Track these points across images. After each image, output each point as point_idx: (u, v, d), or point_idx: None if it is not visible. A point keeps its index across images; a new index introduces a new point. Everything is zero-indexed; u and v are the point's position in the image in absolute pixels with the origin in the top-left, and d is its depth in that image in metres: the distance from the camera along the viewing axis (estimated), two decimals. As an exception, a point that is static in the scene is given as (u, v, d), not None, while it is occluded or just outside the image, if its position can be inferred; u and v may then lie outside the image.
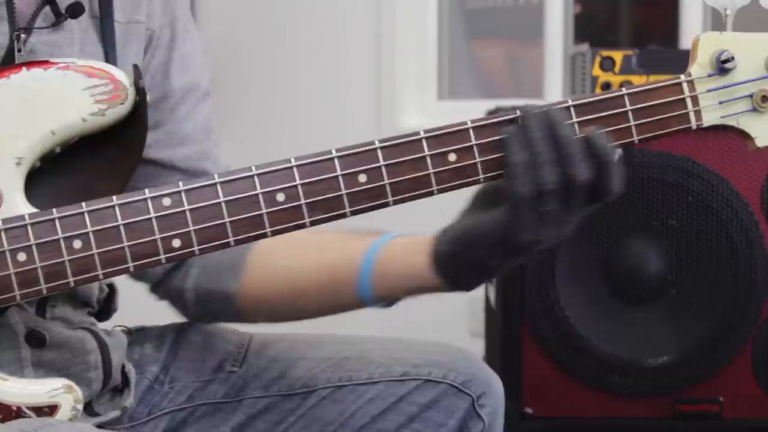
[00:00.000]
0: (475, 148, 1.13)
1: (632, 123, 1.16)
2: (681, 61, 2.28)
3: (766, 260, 2.23)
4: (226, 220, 1.10)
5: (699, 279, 2.25)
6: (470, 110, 3.02)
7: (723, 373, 2.26)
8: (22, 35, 1.15)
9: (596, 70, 2.26)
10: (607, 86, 2.25)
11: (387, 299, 1.29)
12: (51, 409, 1.11)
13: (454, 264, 1.19)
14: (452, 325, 3.17)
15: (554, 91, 3.29)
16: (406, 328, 2.32)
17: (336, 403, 1.35)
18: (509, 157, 1.11)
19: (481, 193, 1.19)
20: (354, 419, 1.34)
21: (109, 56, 1.22)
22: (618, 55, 2.26)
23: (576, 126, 1.15)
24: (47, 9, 1.17)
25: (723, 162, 2.22)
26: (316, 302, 1.33)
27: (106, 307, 1.32)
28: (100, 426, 1.26)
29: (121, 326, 1.40)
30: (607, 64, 2.26)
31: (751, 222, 2.23)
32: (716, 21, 1.21)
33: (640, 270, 2.27)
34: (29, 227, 1.07)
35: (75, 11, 1.18)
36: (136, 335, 1.41)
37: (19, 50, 1.14)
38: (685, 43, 3.23)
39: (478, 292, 2.95)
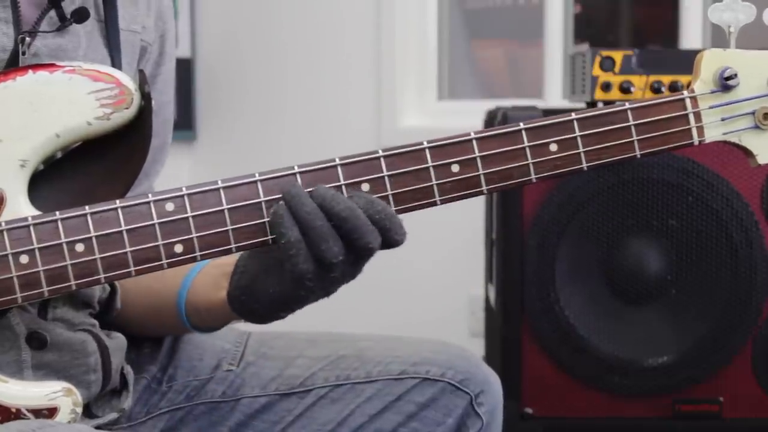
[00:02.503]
0: (478, 160, 1.14)
1: (635, 138, 1.16)
2: (681, 61, 2.31)
3: (766, 260, 2.23)
4: (229, 227, 1.10)
5: (699, 279, 2.26)
6: (470, 110, 3.04)
7: (723, 373, 2.27)
8: (27, 38, 1.15)
9: (596, 70, 2.26)
10: (607, 86, 2.25)
11: (204, 328, 1.31)
12: (50, 412, 1.11)
13: (244, 308, 1.19)
14: (452, 325, 3.18)
15: (554, 91, 3.30)
16: (406, 327, 2.32)
17: (334, 402, 1.35)
18: (282, 237, 1.08)
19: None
20: (352, 418, 1.34)
21: (115, 61, 1.22)
22: (618, 55, 2.26)
23: (579, 139, 1.15)
24: (52, 13, 1.17)
25: (723, 162, 2.22)
26: (150, 323, 1.36)
27: (107, 307, 1.32)
28: (98, 427, 1.26)
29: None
30: (607, 64, 2.25)
31: (751, 222, 2.23)
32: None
33: (640, 270, 2.27)
34: (32, 229, 1.07)
35: (81, 16, 1.18)
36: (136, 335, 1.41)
37: (24, 53, 1.14)
38: (685, 43, 3.23)
39: (478, 292, 2.96)
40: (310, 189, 1.09)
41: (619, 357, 2.27)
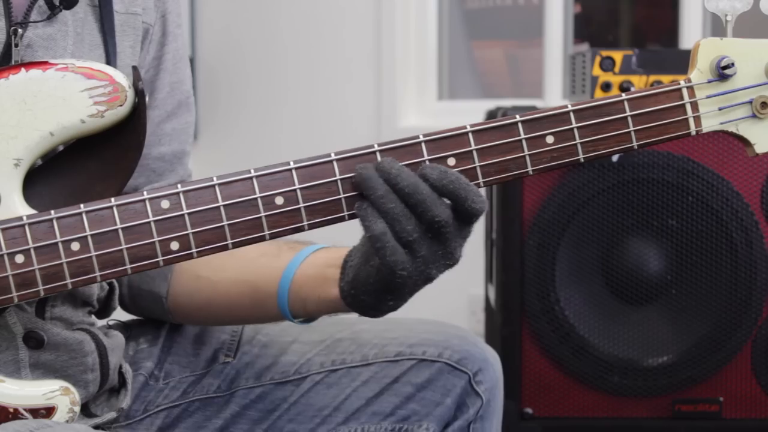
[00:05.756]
0: (474, 153, 1.13)
1: (632, 128, 1.16)
2: (681, 61, 2.30)
3: (766, 260, 2.23)
4: (225, 223, 1.09)
5: (699, 279, 2.25)
6: (470, 110, 3.04)
7: (723, 373, 2.26)
8: (19, 30, 1.14)
9: (596, 70, 2.25)
10: (607, 86, 2.24)
11: (305, 317, 1.30)
12: (48, 411, 1.11)
13: (356, 301, 1.19)
14: (452, 325, 3.17)
15: (554, 91, 3.29)
16: (406, 328, 2.31)
17: (330, 387, 1.35)
18: (367, 231, 1.09)
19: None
20: (348, 402, 1.34)
21: (108, 45, 1.21)
22: (618, 55, 2.26)
23: (575, 131, 1.15)
24: (41, 2, 1.16)
25: (723, 162, 2.22)
26: (239, 314, 1.35)
27: (105, 306, 1.32)
28: (96, 427, 1.26)
29: (116, 320, 1.40)
30: (607, 64, 2.25)
31: (751, 222, 2.23)
32: (716, 22, 1.21)
33: (640, 270, 2.27)
34: (27, 228, 1.07)
35: (69, 2, 1.17)
36: (133, 330, 1.41)
37: (16, 45, 1.14)
38: (685, 43, 3.23)
39: (478, 292, 2.95)
40: (376, 164, 1.10)
41: (619, 357, 2.27)
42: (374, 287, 1.14)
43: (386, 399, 1.33)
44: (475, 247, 2.79)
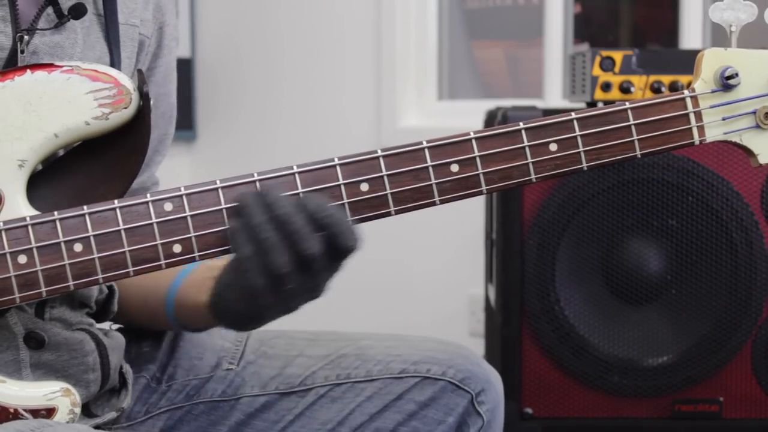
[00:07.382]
0: (477, 159, 1.13)
1: (635, 137, 1.16)
2: (681, 61, 2.30)
3: (766, 260, 2.23)
4: (228, 226, 1.10)
5: (699, 279, 2.25)
6: (470, 110, 3.04)
7: (723, 373, 2.26)
8: (26, 36, 1.14)
9: (596, 70, 2.25)
10: (607, 86, 2.24)
11: (191, 328, 1.31)
12: (48, 412, 1.11)
13: (219, 317, 1.18)
14: (452, 325, 3.18)
15: (554, 91, 3.29)
16: (407, 327, 2.32)
17: (334, 401, 1.35)
18: (236, 252, 1.08)
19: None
20: (352, 417, 1.34)
21: (114, 54, 1.22)
22: (618, 55, 2.26)
23: (579, 139, 1.15)
24: (50, 10, 1.17)
25: (723, 162, 2.22)
26: (146, 321, 1.36)
27: (104, 309, 1.32)
28: (97, 427, 1.26)
29: (121, 325, 1.40)
30: (607, 64, 2.25)
31: (751, 222, 2.23)
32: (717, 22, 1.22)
33: (640, 270, 2.27)
34: (30, 229, 1.07)
35: (78, 12, 1.18)
36: (136, 333, 1.41)
37: (22, 51, 1.14)
38: (685, 43, 3.23)
39: (478, 292, 2.96)
40: (260, 192, 1.08)
41: (619, 357, 2.27)
42: (234, 311, 1.13)
43: (389, 416, 1.34)
44: (475, 247, 2.81)
